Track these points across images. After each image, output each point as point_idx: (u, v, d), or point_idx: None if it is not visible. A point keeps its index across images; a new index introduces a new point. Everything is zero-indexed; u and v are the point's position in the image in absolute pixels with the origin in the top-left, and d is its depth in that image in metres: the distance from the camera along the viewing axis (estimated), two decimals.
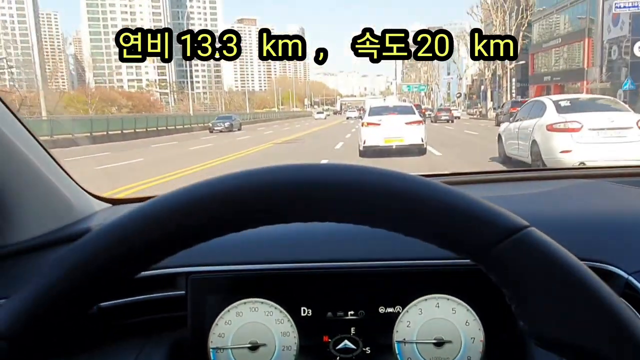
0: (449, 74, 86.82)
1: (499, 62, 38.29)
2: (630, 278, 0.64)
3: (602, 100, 8.81)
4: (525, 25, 37.49)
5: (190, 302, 0.72)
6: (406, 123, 11.32)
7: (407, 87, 78.46)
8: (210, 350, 0.70)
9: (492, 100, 43.69)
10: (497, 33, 39.08)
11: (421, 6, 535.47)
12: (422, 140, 11.27)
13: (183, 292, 0.73)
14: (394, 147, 11.16)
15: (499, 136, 9.51)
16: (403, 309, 0.71)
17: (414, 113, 12.12)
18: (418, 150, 11.24)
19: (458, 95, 61.70)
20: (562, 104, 7.64)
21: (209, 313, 0.71)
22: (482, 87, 63.89)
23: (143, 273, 0.73)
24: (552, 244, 0.32)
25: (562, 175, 1.09)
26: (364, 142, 11.36)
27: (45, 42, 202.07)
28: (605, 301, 0.30)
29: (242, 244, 0.75)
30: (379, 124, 11.28)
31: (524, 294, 0.31)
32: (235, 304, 0.71)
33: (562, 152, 6.76)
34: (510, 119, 9.34)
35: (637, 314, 0.58)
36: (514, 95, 37.81)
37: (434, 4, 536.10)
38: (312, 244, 0.76)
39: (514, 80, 38.27)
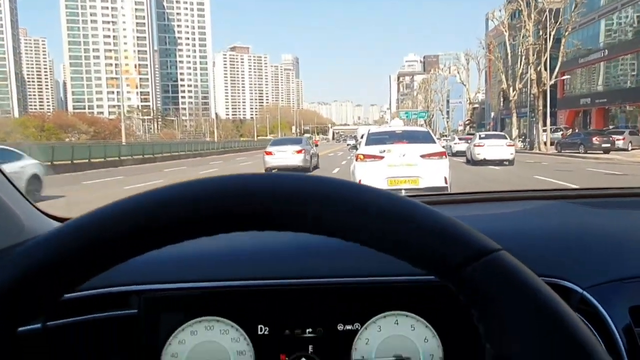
0: (448, 101, 79.70)
1: (534, 78, 29.74)
2: (585, 293, 0.67)
3: (495, 133, 23.47)
4: (569, 30, 29.33)
5: (142, 321, 0.70)
6: (422, 156, 7.67)
7: (406, 115, 70.03)
8: None
9: (518, 128, 35.30)
10: (530, 39, 30.94)
11: (416, 38, 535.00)
12: (446, 182, 7.58)
13: (135, 310, 0.71)
14: (402, 192, 6.80)
15: (466, 151, 21.43)
16: (362, 326, 0.70)
17: (434, 141, 8.54)
18: None
19: (467, 122, 53.42)
20: (481, 135, 20.05)
21: (162, 332, 0.69)
22: (493, 115, 56.07)
23: (94, 291, 0.69)
24: (523, 269, 0.32)
25: (525, 196, 1.16)
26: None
27: (32, 67, 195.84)
28: (575, 332, 0.30)
29: (197, 260, 0.74)
30: (381, 158, 7.72)
31: (492, 316, 0.31)
32: (189, 322, 0.70)
33: (477, 154, 18.18)
34: (469, 142, 21.82)
35: (593, 330, 0.63)
36: (536, 120, 29.50)
37: (428, 35, 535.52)
38: (269, 261, 0.74)
39: (539, 104, 30.09)
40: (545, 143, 27.77)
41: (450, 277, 0.33)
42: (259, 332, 0.70)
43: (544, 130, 28.60)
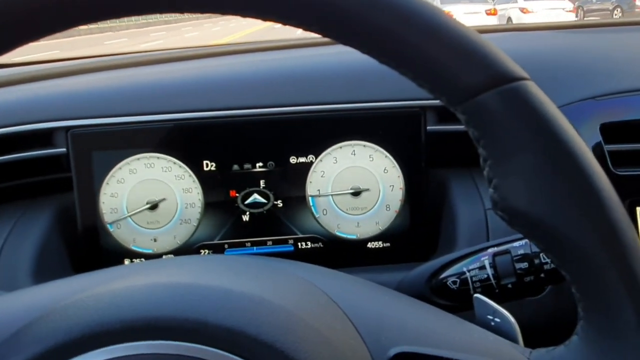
0: None
1: None
2: None
3: None
4: None
5: (73, 160, 0.65)
6: (467, 13, 7.62)
7: None
8: (107, 224, 0.65)
9: None
10: None
11: None
12: None
13: (64, 149, 0.65)
14: None
15: None
16: (316, 158, 0.67)
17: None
18: None
19: None
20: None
21: (97, 171, 0.65)
22: None
23: (15, 128, 0.63)
24: (550, 106, 0.26)
25: (502, 29, 1.04)
26: None
27: None
28: (594, 185, 0.25)
29: (131, 92, 0.68)
30: None
31: (502, 157, 0.26)
32: (127, 160, 0.65)
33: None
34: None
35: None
36: None
37: None
38: (211, 91, 0.68)
39: None
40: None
41: (462, 103, 0.26)
42: (205, 169, 0.65)
43: None
